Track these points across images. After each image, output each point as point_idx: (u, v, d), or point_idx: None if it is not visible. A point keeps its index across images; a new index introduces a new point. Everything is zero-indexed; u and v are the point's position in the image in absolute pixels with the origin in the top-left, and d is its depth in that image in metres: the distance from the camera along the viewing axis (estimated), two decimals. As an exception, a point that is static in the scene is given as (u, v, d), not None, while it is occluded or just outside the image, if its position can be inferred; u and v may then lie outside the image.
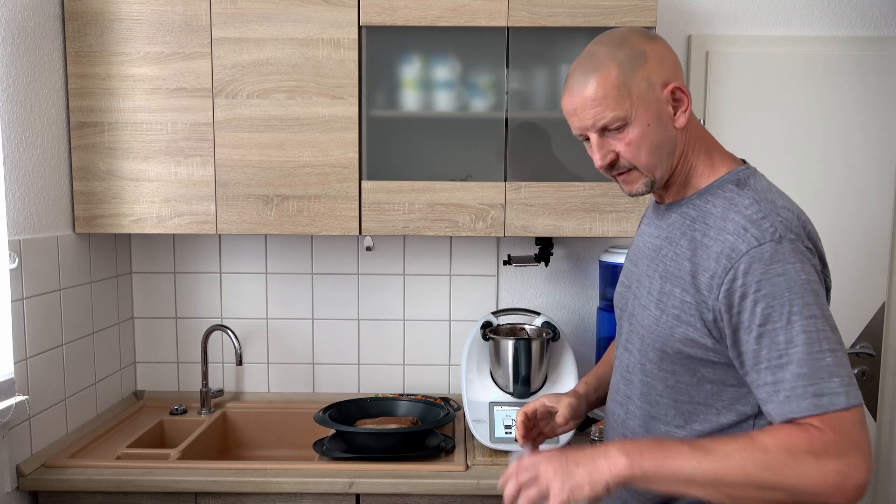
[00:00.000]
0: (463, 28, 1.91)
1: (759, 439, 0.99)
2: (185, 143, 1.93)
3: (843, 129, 2.25)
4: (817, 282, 1.03)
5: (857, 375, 2.31)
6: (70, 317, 1.93)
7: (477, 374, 1.99)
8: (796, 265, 1.02)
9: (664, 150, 1.13)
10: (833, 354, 0.98)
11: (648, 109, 1.10)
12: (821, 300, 1.02)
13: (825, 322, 1.00)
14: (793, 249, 1.03)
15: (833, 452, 0.96)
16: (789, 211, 1.09)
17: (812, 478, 0.96)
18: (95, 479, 1.71)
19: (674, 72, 1.13)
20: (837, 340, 1.00)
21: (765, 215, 1.06)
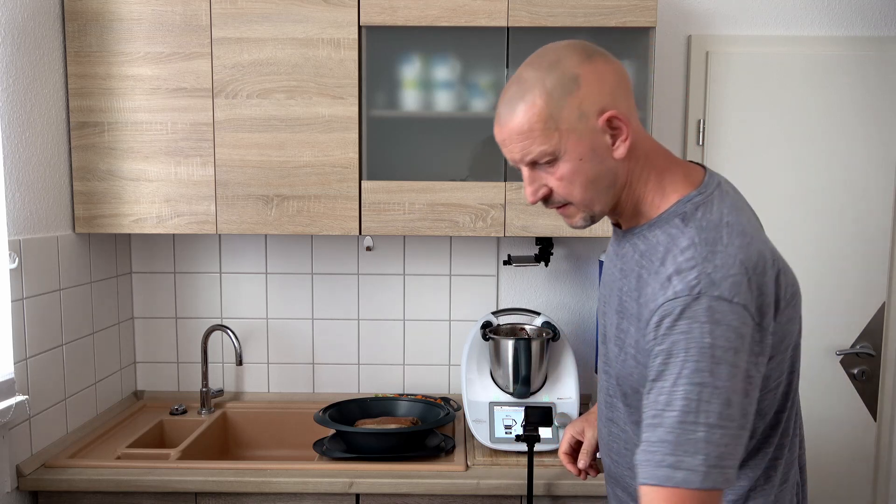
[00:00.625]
0: (463, 28, 1.91)
1: None
2: (185, 143, 1.93)
3: (843, 129, 2.25)
4: (726, 347, 0.92)
5: (857, 375, 2.31)
6: (70, 317, 1.93)
7: (477, 374, 1.99)
8: (704, 326, 0.92)
9: (601, 185, 1.04)
10: (708, 430, 0.90)
11: (581, 142, 1.00)
12: (720, 368, 0.91)
13: (713, 392, 0.91)
14: (707, 308, 0.93)
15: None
16: (731, 256, 0.96)
17: None
18: (95, 479, 1.71)
19: (613, 96, 1.01)
20: (726, 416, 0.91)
21: (695, 264, 0.96)
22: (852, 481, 2.35)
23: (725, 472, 0.91)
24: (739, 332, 0.93)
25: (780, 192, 2.27)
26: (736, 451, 0.92)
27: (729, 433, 0.91)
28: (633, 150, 1.04)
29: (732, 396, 0.92)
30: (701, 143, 2.26)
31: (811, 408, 2.33)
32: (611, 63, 1.04)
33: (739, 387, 0.93)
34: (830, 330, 2.31)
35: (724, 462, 0.91)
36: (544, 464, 1.80)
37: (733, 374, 0.92)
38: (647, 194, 1.07)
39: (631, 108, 1.04)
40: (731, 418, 0.92)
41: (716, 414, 0.91)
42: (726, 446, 0.91)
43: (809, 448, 2.33)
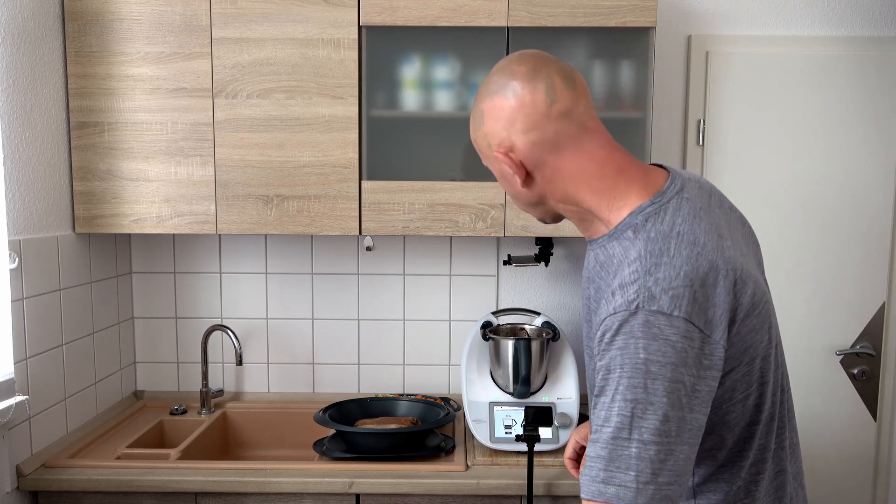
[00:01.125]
0: (463, 28, 1.91)
1: None
2: (185, 143, 1.93)
3: (843, 129, 2.25)
4: (662, 363, 0.91)
5: (857, 375, 2.31)
6: (70, 317, 1.93)
7: (477, 374, 1.99)
8: (639, 341, 0.92)
9: (522, 201, 1.13)
10: (642, 446, 0.89)
11: (493, 166, 1.10)
12: (655, 384, 0.90)
13: (646, 408, 0.90)
14: (644, 322, 0.92)
15: None
16: (675, 268, 0.95)
17: None
18: (95, 479, 1.71)
19: (510, 131, 1.04)
20: (661, 431, 0.90)
21: (637, 277, 0.95)
22: (852, 481, 2.35)
23: (662, 489, 0.89)
24: (679, 347, 0.92)
25: (780, 192, 2.27)
26: (677, 467, 0.91)
27: (665, 449, 0.90)
28: (544, 176, 1.06)
29: (670, 412, 0.90)
30: (701, 143, 2.26)
31: (811, 408, 2.33)
32: (510, 97, 1.04)
33: (681, 402, 0.91)
34: (830, 330, 2.31)
35: (659, 479, 0.89)
36: (544, 464, 1.80)
37: (672, 390, 0.91)
38: (593, 211, 1.07)
39: (543, 137, 1.03)
40: (668, 434, 0.90)
41: (650, 430, 0.90)
42: (661, 462, 0.90)
43: (810, 448, 2.33)
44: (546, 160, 1.05)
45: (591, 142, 1.04)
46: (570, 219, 1.12)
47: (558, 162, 1.05)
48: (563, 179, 1.06)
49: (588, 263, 1.13)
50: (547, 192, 1.08)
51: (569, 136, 1.03)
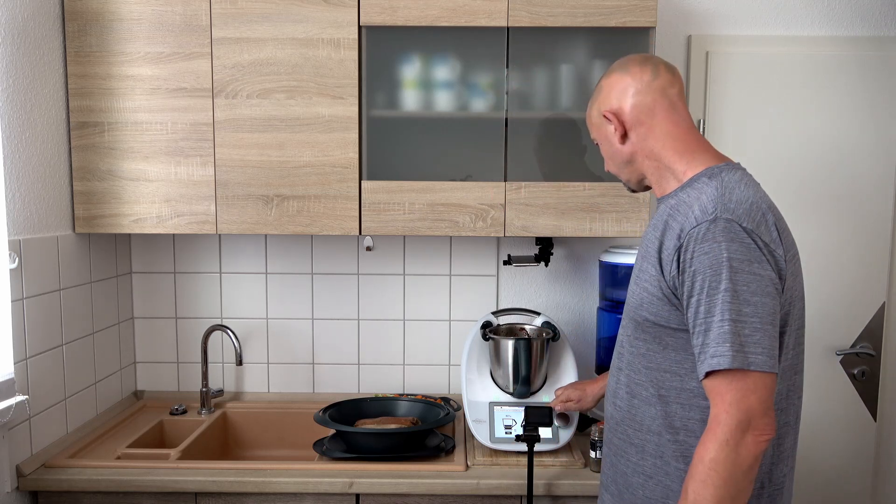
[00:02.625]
0: (463, 28, 1.91)
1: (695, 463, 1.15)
2: (185, 143, 1.93)
3: (843, 129, 2.25)
4: (740, 259, 1.13)
5: (857, 375, 2.31)
6: (70, 317, 1.93)
7: (477, 374, 1.99)
8: (721, 244, 1.14)
9: (616, 161, 1.39)
10: (732, 324, 1.12)
11: (599, 133, 1.39)
12: (737, 275, 1.12)
13: (732, 295, 1.12)
14: (724, 228, 1.14)
15: (719, 431, 1.12)
16: (744, 198, 1.18)
17: (715, 472, 1.11)
18: (95, 479, 1.71)
19: (620, 98, 1.33)
20: (746, 313, 1.12)
21: (716, 200, 1.18)
22: (852, 481, 2.35)
23: (749, 357, 1.11)
24: (748, 247, 1.13)
25: (780, 192, 2.27)
26: (763, 341, 1.12)
27: (751, 324, 1.12)
28: (638, 135, 1.32)
29: (752, 298, 1.12)
30: (701, 143, 2.26)
31: (811, 408, 2.33)
32: (623, 76, 1.33)
33: (759, 289, 1.13)
34: (830, 330, 2.31)
35: (746, 349, 1.11)
36: (544, 464, 1.80)
37: (751, 280, 1.13)
38: (671, 165, 1.31)
39: (643, 105, 1.30)
40: (755, 314, 1.12)
41: (735, 310, 1.12)
42: (745, 335, 1.11)
43: (810, 448, 2.33)
44: (643, 121, 1.31)
45: (678, 115, 1.31)
46: (649, 177, 1.35)
47: (652, 124, 1.31)
48: (653, 138, 1.31)
49: (657, 215, 1.32)
50: (638, 150, 1.33)
51: (662, 106, 1.30)
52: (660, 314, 1.25)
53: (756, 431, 1.11)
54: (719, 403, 1.13)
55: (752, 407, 1.11)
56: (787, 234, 1.22)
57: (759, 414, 1.11)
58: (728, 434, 1.11)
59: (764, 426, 1.12)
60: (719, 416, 1.12)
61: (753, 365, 1.11)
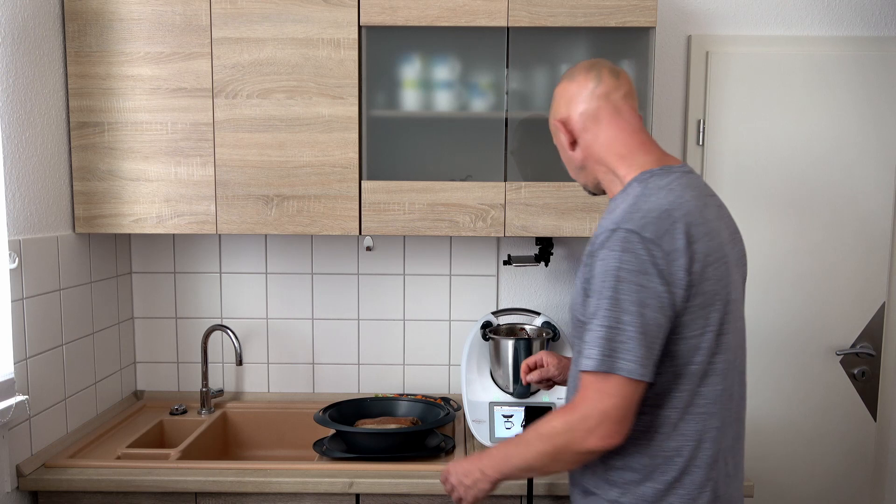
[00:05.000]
0: (463, 28, 1.91)
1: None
2: (185, 143, 1.93)
3: (843, 128, 2.25)
4: (629, 269, 1.17)
5: (857, 375, 2.31)
6: (70, 317, 1.93)
7: (477, 374, 1.99)
8: (616, 253, 1.18)
9: (571, 167, 1.44)
10: (606, 330, 1.17)
11: (556, 138, 1.43)
12: (622, 284, 1.17)
13: (613, 302, 1.17)
14: (623, 238, 1.18)
15: (571, 409, 1.21)
16: (655, 207, 1.21)
17: (554, 438, 1.22)
18: (95, 479, 1.71)
19: (568, 107, 1.37)
20: (625, 321, 1.16)
21: (626, 209, 1.23)
22: (852, 481, 2.35)
23: (617, 362, 1.16)
24: (644, 258, 1.17)
25: (780, 192, 2.27)
26: (636, 349, 1.16)
27: (625, 334, 1.16)
28: (585, 141, 1.37)
29: (631, 307, 1.16)
30: (701, 143, 2.26)
31: (811, 408, 2.33)
32: (572, 82, 1.38)
33: (641, 299, 1.16)
34: (830, 330, 2.31)
35: (615, 353, 1.16)
36: (544, 464, 1.80)
37: (634, 291, 1.17)
38: (614, 169, 1.35)
39: (589, 113, 1.35)
40: (631, 321, 1.16)
41: (610, 317, 1.17)
42: (614, 341, 1.16)
43: (810, 448, 2.33)
44: (588, 128, 1.35)
45: (622, 119, 1.34)
46: (602, 180, 1.39)
47: (597, 131, 1.35)
48: (598, 144, 1.36)
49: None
50: (587, 156, 1.38)
51: (607, 112, 1.34)
52: (580, 311, 1.30)
53: (602, 433, 1.17)
54: (582, 395, 1.21)
55: (607, 410, 1.17)
56: (709, 239, 1.22)
57: (612, 419, 1.17)
58: (577, 422, 1.19)
59: (612, 431, 1.17)
60: (579, 404, 1.20)
61: (620, 371, 1.16)
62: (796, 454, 2.34)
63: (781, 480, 2.35)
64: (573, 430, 1.20)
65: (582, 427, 1.19)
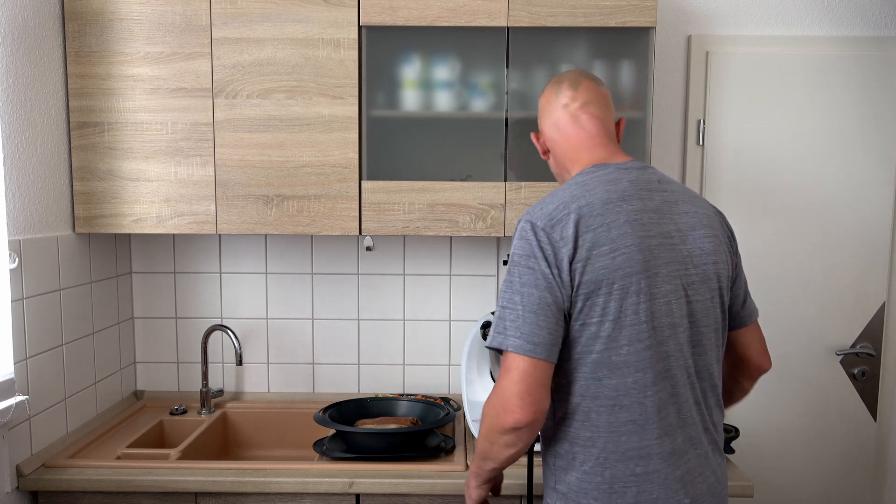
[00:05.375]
0: (463, 28, 1.91)
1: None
2: (185, 143, 1.93)
3: (842, 128, 2.25)
4: (521, 254, 1.27)
5: (857, 375, 2.31)
6: (70, 317, 1.93)
7: (477, 374, 1.99)
8: (515, 241, 1.30)
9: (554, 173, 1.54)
10: (501, 309, 1.27)
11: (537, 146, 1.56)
12: (515, 268, 1.27)
13: (508, 284, 1.28)
14: (521, 228, 1.30)
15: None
16: (557, 199, 1.32)
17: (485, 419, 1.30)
18: (95, 479, 1.71)
19: (540, 119, 1.51)
20: (515, 301, 1.25)
21: (536, 204, 1.35)
22: (852, 481, 2.35)
23: (508, 339, 1.24)
24: (532, 245, 1.26)
25: (780, 192, 2.27)
26: (523, 327, 1.23)
27: (519, 310, 1.24)
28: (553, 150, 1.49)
29: (521, 288, 1.25)
30: (701, 143, 2.26)
31: (811, 408, 2.33)
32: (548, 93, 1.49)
33: (529, 280, 1.25)
34: (830, 330, 2.31)
35: (507, 332, 1.24)
36: (544, 464, 1.80)
37: (524, 273, 1.26)
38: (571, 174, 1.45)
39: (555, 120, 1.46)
40: (523, 302, 1.24)
41: (507, 299, 1.26)
42: (507, 320, 1.25)
43: (810, 448, 2.33)
44: (554, 137, 1.47)
45: (579, 128, 1.44)
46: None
47: (559, 139, 1.46)
48: (561, 152, 1.47)
49: None
50: (556, 163, 1.50)
51: (565, 121, 1.45)
52: None
53: (510, 407, 1.23)
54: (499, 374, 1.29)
55: (508, 385, 1.24)
56: (605, 230, 1.26)
57: (515, 393, 1.23)
58: (492, 399, 1.27)
59: (516, 406, 1.23)
60: (496, 383, 1.28)
61: (509, 347, 1.24)
62: (796, 454, 2.34)
63: (781, 480, 2.35)
64: (491, 406, 1.27)
65: (496, 402, 1.26)
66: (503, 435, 1.27)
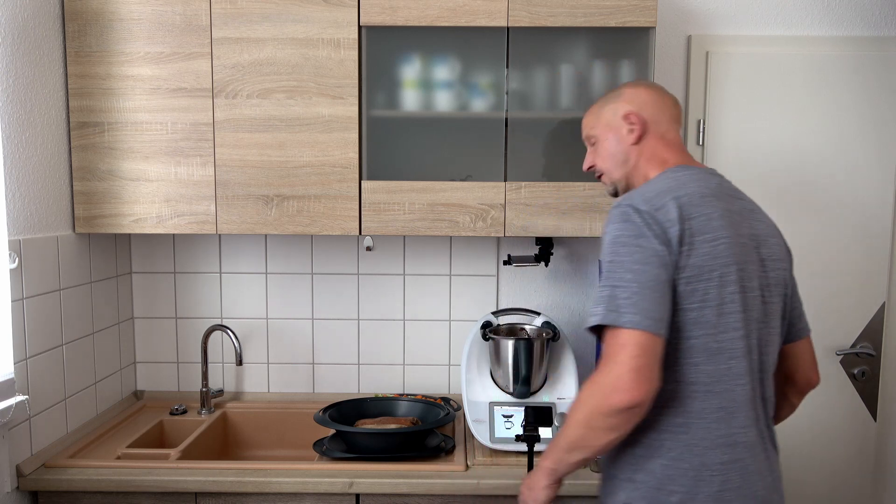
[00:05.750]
0: (463, 28, 1.91)
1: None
2: (185, 143, 1.93)
3: (843, 128, 2.25)
4: (628, 234, 1.26)
5: (857, 375, 2.31)
6: (70, 317, 1.93)
7: (477, 374, 1.99)
8: (614, 225, 1.29)
9: (614, 160, 1.50)
10: (610, 289, 1.24)
11: (609, 130, 1.50)
12: (622, 248, 1.25)
13: (615, 265, 1.25)
14: (619, 213, 1.29)
15: (593, 374, 1.25)
16: (653, 189, 1.33)
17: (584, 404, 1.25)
18: (95, 479, 1.71)
19: (642, 107, 1.47)
20: (627, 279, 1.23)
21: (629, 194, 1.34)
22: (852, 481, 2.35)
23: (623, 316, 1.21)
24: (639, 225, 1.26)
25: (780, 192, 2.27)
26: (640, 303, 1.21)
27: (627, 288, 1.22)
28: (643, 141, 1.46)
29: (632, 266, 1.23)
30: (701, 142, 2.26)
31: (811, 408, 2.33)
32: (652, 91, 1.49)
33: (641, 258, 1.24)
34: (830, 330, 2.31)
35: (617, 307, 1.22)
36: (544, 464, 1.80)
37: (634, 251, 1.24)
38: (649, 170, 1.45)
39: (657, 119, 1.46)
40: (632, 280, 1.22)
41: (615, 277, 1.24)
42: (616, 299, 1.22)
43: (810, 448, 2.33)
44: (650, 130, 1.46)
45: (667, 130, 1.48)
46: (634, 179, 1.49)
47: (651, 134, 1.47)
48: (648, 147, 1.47)
49: None
50: (640, 153, 1.46)
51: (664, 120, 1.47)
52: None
53: (623, 386, 1.19)
54: (602, 356, 1.25)
55: (624, 360, 1.19)
56: (705, 220, 1.28)
57: (630, 368, 1.19)
58: (599, 379, 1.22)
59: (632, 383, 1.19)
60: (600, 366, 1.24)
61: (626, 323, 1.20)
62: (796, 454, 2.34)
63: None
64: (599, 386, 1.22)
65: (604, 382, 1.21)
66: (609, 417, 1.22)
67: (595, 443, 1.26)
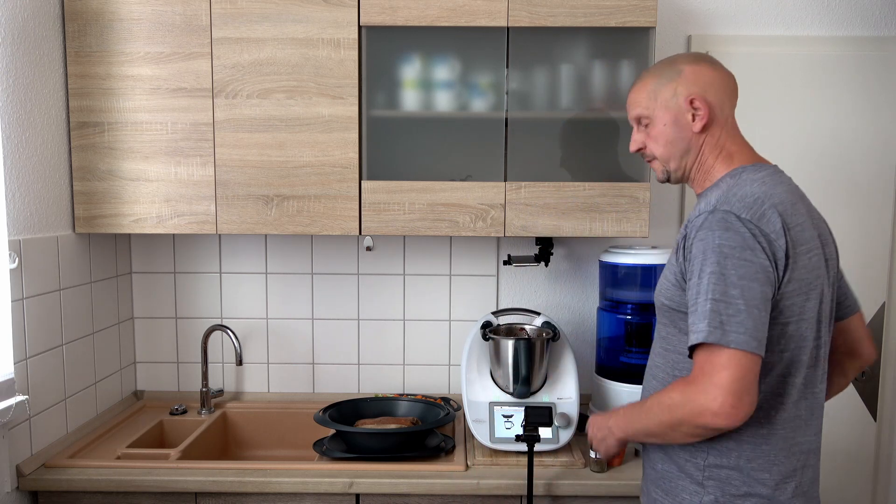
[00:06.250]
0: (463, 28, 1.91)
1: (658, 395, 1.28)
2: (185, 143, 1.93)
3: (843, 129, 2.25)
4: (732, 246, 1.19)
5: (857, 375, 2.31)
6: (70, 317, 1.93)
7: (477, 374, 1.99)
8: (715, 232, 1.20)
9: (677, 148, 1.37)
10: (713, 303, 1.17)
11: (668, 112, 1.36)
12: (727, 260, 1.18)
13: (718, 277, 1.18)
14: (720, 219, 1.21)
15: (689, 382, 1.20)
16: (749, 193, 1.25)
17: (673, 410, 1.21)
18: (95, 479, 1.71)
19: (704, 89, 1.34)
20: (732, 295, 1.17)
21: (722, 194, 1.26)
22: (852, 481, 2.35)
23: (729, 335, 1.15)
24: (746, 236, 1.19)
25: (780, 192, 2.27)
26: (746, 322, 1.16)
27: (734, 307, 1.16)
28: (709, 129, 1.35)
29: (738, 281, 1.17)
30: (701, 143, 2.26)
31: (811, 408, 2.32)
32: (715, 69, 1.37)
33: (748, 273, 1.17)
34: (830, 330, 2.31)
35: (725, 325, 1.16)
36: (544, 464, 1.80)
37: (740, 265, 1.18)
38: (716, 164, 1.36)
39: (722, 103, 1.35)
40: (739, 296, 1.16)
41: (719, 291, 1.17)
42: (723, 314, 1.16)
43: (809, 448, 2.33)
44: (717, 117, 1.36)
45: (733, 119, 1.41)
46: (696, 170, 1.39)
47: (716, 124, 1.37)
48: (711, 136, 1.37)
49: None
50: (706, 142, 1.37)
51: (730, 108, 1.39)
52: (673, 298, 1.32)
53: (719, 408, 1.15)
54: (699, 368, 1.19)
55: (723, 383, 1.15)
56: (801, 230, 1.25)
57: (729, 391, 1.14)
58: (694, 395, 1.18)
59: (730, 405, 1.14)
60: (697, 378, 1.19)
61: (731, 343, 1.15)
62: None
63: (781, 480, 2.35)
64: (691, 402, 1.18)
65: (699, 400, 1.17)
66: (697, 429, 1.20)
67: (672, 441, 1.28)
